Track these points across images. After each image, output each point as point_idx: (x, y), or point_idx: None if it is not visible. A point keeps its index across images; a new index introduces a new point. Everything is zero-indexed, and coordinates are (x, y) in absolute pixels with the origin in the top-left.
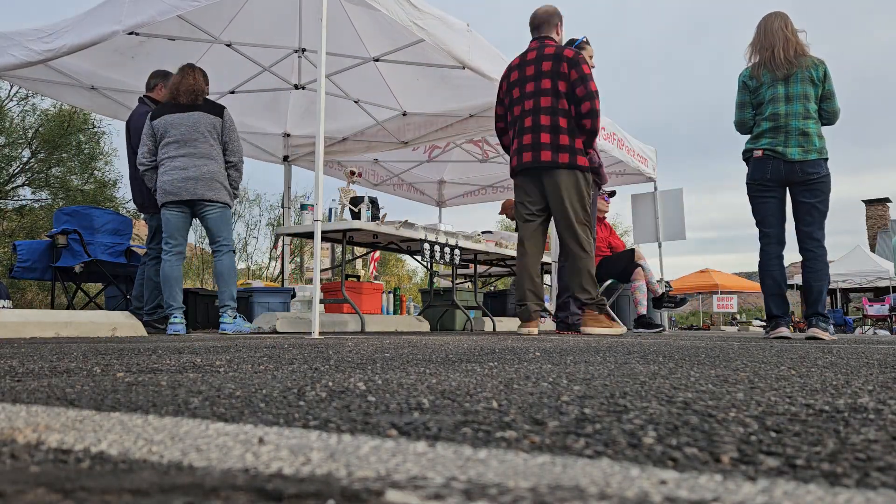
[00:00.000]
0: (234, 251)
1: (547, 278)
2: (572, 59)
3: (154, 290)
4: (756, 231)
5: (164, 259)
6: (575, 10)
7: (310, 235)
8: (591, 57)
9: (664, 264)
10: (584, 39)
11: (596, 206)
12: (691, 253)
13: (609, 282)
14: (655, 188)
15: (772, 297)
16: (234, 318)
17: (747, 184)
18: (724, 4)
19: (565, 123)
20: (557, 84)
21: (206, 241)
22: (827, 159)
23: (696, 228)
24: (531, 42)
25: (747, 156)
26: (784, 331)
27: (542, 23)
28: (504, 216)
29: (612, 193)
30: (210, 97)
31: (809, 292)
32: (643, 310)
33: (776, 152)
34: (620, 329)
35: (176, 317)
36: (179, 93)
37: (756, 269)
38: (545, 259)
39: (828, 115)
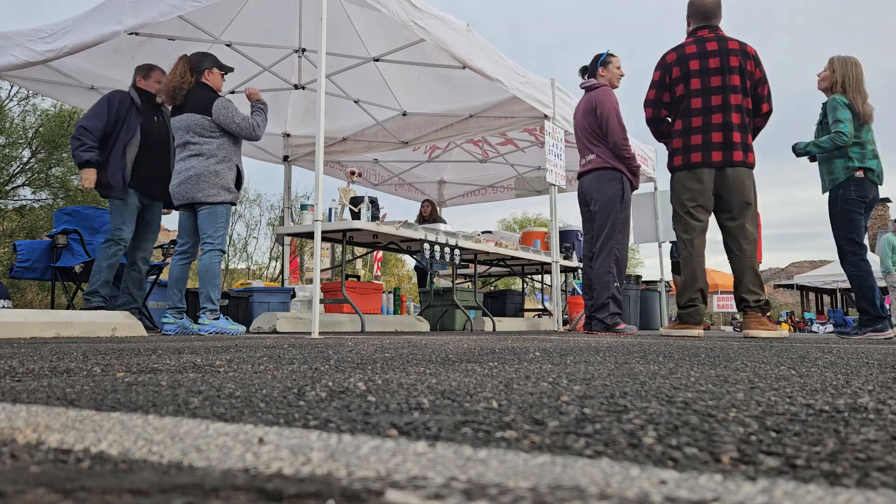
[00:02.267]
0: (220, 251)
1: (547, 279)
2: (757, 57)
3: (96, 275)
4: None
5: (172, 258)
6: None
7: (310, 235)
8: (618, 68)
9: (664, 264)
10: (609, 52)
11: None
12: None
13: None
14: (655, 188)
15: (875, 300)
16: (216, 318)
17: (852, 199)
18: (734, 6)
19: (748, 122)
20: (745, 82)
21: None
22: None
23: None
24: (700, 31)
25: (850, 173)
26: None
27: (713, 12)
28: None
29: None
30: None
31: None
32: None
33: (878, 178)
34: (784, 333)
35: (167, 316)
36: (164, 96)
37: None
38: (544, 259)
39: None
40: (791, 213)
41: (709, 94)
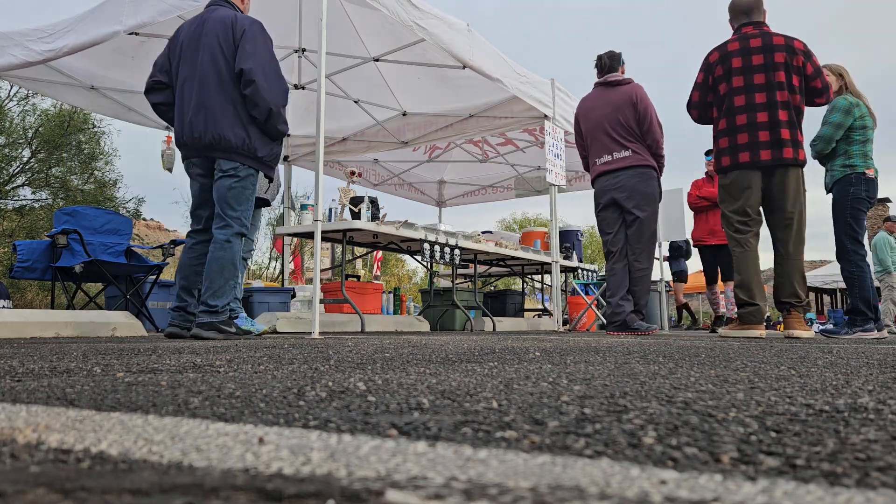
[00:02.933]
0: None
1: (547, 279)
2: (806, 51)
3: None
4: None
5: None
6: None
7: (310, 235)
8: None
9: (663, 265)
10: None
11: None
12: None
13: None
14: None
15: (871, 301)
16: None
17: (862, 199)
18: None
19: (797, 119)
20: (792, 77)
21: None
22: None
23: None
24: (744, 28)
25: (857, 171)
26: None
27: (753, 8)
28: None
29: (709, 152)
30: None
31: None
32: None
33: (874, 178)
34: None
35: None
36: None
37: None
38: (544, 259)
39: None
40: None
41: (752, 92)
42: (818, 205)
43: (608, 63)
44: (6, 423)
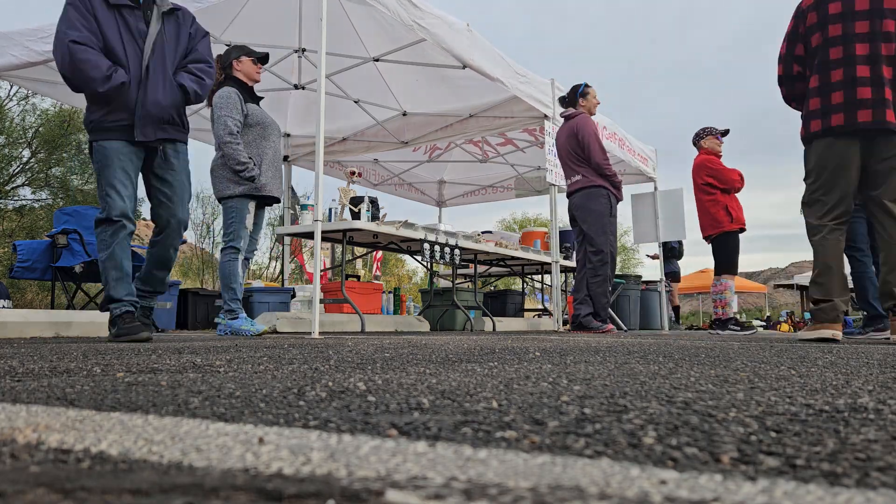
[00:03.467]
0: (232, 248)
1: (547, 279)
2: None
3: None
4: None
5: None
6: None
7: (310, 235)
8: (594, 97)
9: (662, 265)
10: (586, 84)
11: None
12: (692, 254)
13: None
14: (655, 188)
15: (869, 299)
16: (233, 319)
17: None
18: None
19: None
20: None
21: (206, 240)
22: None
23: (696, 229)
24: None
25: None
26: None
27: None
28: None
29: (726, 132)
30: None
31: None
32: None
33: None
34: None
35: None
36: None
37: (752, 269)
38: (544, 259)
39: None
40: (792, 213)
41: (852, 42)
42: None
43: (568, 98)
44: (6, 423)
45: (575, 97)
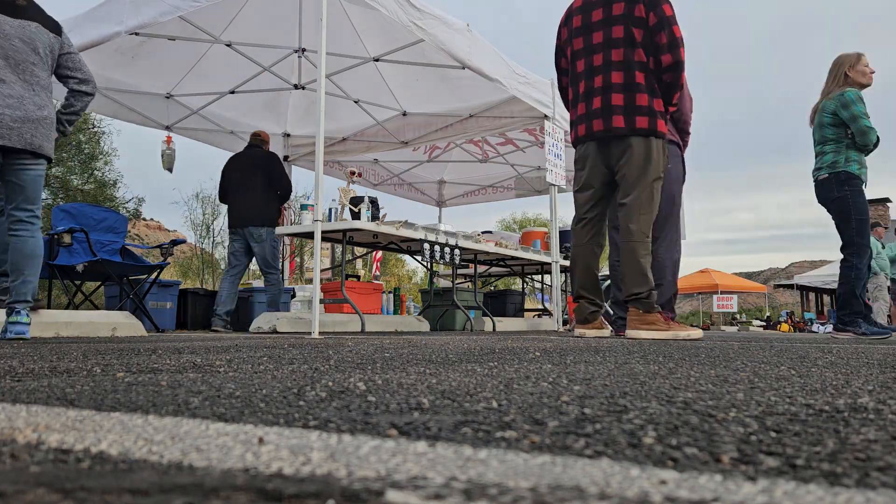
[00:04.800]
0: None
1: (547, 279)
2: (649, 0)
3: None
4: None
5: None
6: None
7: (310, 235)
8: None
9: None
10: None
11: (680, 182)
12: (692, 254)
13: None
14: None
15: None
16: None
17: (861, 206)
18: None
19: (643, 79)
20: (632, 32)
21: (207, 240)
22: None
23: (696, 230)
24: None
25: (861, 180)
26: None
27: None
28: None
29: None
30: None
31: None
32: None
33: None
34: None
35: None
36: None
37: (752, 269)
38: (544, 259)
39: (857, 139)
40: (792, 213)
41: (590, 54)
42: (816, 205)
43: None
44: (6, 423)
45: None
